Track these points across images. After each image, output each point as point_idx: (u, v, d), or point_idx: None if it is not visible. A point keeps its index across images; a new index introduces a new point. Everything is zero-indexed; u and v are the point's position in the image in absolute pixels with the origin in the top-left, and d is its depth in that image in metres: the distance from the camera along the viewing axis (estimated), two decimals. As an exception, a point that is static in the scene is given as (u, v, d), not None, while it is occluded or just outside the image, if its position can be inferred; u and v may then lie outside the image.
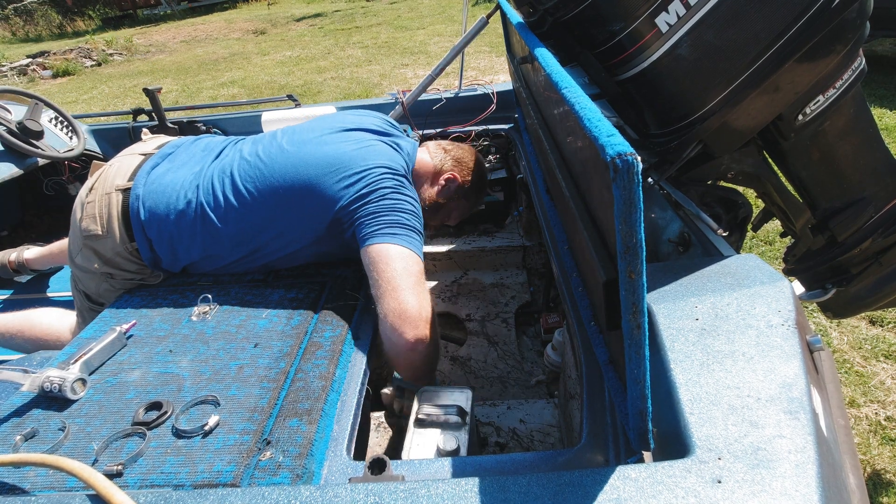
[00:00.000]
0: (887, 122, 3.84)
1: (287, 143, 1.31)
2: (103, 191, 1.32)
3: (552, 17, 1.11)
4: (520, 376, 1.78)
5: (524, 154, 1.80)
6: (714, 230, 1.05)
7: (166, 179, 1.30)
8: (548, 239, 1.30)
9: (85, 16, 16.55)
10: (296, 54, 9.03)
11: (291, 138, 1.34)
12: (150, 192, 1.28)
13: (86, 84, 8.65)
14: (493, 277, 2.28)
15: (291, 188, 1.23)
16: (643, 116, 1.06)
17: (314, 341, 1.07)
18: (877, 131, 1.17)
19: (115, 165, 1.38)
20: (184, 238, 1.26)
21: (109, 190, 1.32)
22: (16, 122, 2.00)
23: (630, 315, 0.51)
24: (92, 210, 1.31)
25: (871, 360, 2.04)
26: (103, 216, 1.30)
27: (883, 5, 3.53)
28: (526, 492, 0.58)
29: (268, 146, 1.32)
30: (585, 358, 0.91)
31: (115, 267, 1.31)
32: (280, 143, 1.32)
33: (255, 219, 1.24)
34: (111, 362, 1.06)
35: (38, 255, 2.12)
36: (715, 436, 0.58)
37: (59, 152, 2.09)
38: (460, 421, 0.97)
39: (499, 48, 7.31)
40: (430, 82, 2.07)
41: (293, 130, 1.39)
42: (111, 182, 1.33)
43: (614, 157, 0.45)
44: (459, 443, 0.91)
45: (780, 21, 0.86)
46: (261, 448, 0.83)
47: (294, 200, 1.23)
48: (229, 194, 1.25)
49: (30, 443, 0.88)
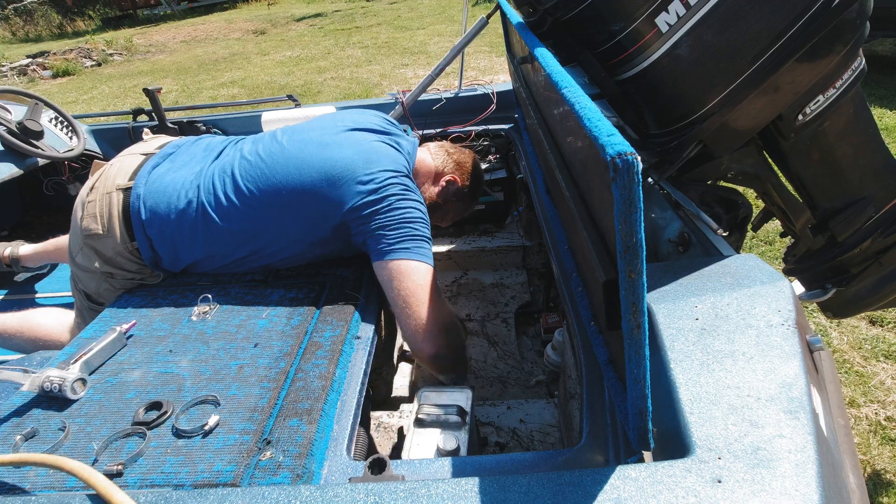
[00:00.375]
0: (887, 122, 3.84)
1: (288, 143, 1.31)
2: (104, 190, 1.32)
3: (552, 17, 1.11)
4: (520, 376, 1.78)
5: (524, 154, 1.80)
6: (714, 230, 1.05)
7: (167, 179, 1.30)
8: (548, 239, 1.31)
9: (85, 16, 16.56)
10: (296, 54, 9.03)
11: (292, 137, 1.33)
12: (151, 191, 1.28)
13: (86, 84, 8.66)
14: (493, 277, 2.28)
15: (294, 191, 1.23)
16: (643, 116, 1.06)
17: (314, 341, 1.07)
18: (877, 131, 1.17)
19: (116, 165, 1.38)
20: (185, 237, 1.26)
21: (110, 189, 1.32)
22: (16, 122, 2.00)
23: (630, 315, 0.51)
24: (93, 209, 1.31)
25: (870, 360, 2.04)
26: (104, 215, 1.30)
27: (883, 5, 3.54)
28: (526, 492, 0.58)
29: (268, 145, 1.32)
30: (585, 358, 0.91)
31: (116, 266, 1.31)
32: (281, 143, 1.32)
33: (256, 217, 1.24)
34: (111, 362, 1.06)
35: (32, 251, 2.10)
36: (715, 435, 0.59)
37: (58, 152, 2.09)
38: (460, 421, 0.97)
39: (499, 48, 7.31)
40: (430, 82, 2.07)
41: (293, 130, 1.39)
42: (112, 181, 1.33)
43: (614, 157, 0.45)
44: (459, 442, 0.91)
45: (780, 21, 0.86)
46: (261, 448, 0.83)
47: (296, 203, 1.23)
48: (230, 193, 1.25)
49: (30, 442, 0.88)
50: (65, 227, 1.47)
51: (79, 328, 1.49)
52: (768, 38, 0.87)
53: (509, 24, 1.52)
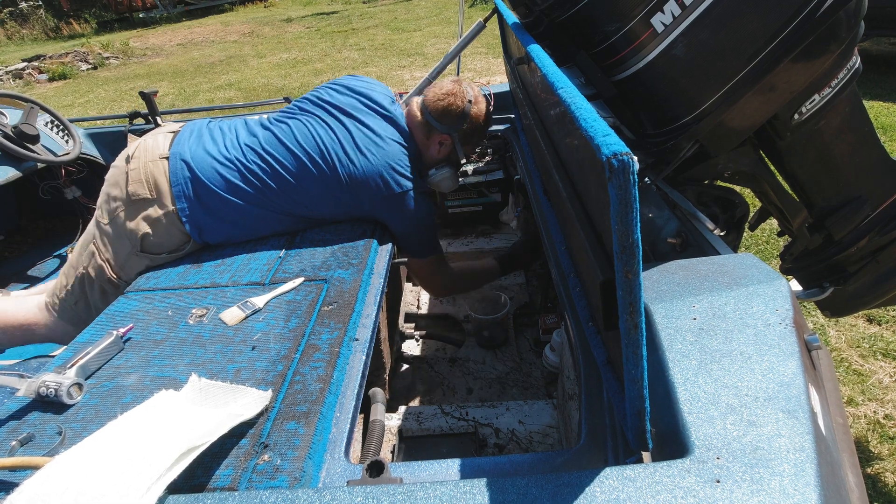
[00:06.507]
0: (883, 121, 3.86)
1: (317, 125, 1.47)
2: (146, 158, 1.43)
3: (548, 18, 1.11)
4: (518, 377, 1.78)
5: (521, 155, 1.80)
6: (711, 229, 1.05)
7: (203, 147, 1.44)
8: (545, 239, 1.31)
9: (81, 19, 16.52)
10: (292, 56, 9.03)
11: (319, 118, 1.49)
12: (193, 156, 1.41)
13: (82, 87, 8.64)
14: (491, 278, 2.28)
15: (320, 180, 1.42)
16: (639, 116, 1.06)
17: (312, 343, 1.06)
18: (872, 130, 1.17)
19: (150, 139, 1.49)
20: (227, 200, 1.40)
21: (153, 158, 1.42)
22: (11, 126, 1.99)
23: (627, 315, 0.51)
24: (137, 176, 1.41)
25: (869, 359, 2.05)
26: (150, 181, 1.40)
27: (878, 4, 3.56)
28: (524, 493, 0.58)
29: (295, 123, 1.48)
30: (584, 358, 0.90)
31: (156, 231, 1.40)
32: (310, 121, 1.48)
33: (287, 182, 1.41)
34: (108, 366, 1.06)
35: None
36: (713, 435, 0.58)
37: (55, 156, 2.08)
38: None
39: (495, 49, 7.33)
40: (428, 85, 2.07)
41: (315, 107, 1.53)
42: (153, 151, 1.44)
43: (610, 157, 0.45)
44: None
45: (775, 21, 0.86)
46: (258, 451, 0.83)
47: (322, 185, 1.42)
48: (269, 158, 1.41)
49: (26, 448, 0.88)
50: (61, 231, 1.47)
51: (63, 307, 1.50)
52: (764, 38, 0.87)
53: (506, 26, 1.53)
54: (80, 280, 1.47)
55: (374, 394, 1.23)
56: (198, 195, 1.40)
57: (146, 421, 0.81)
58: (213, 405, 0.88)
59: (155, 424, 0.80)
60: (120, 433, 0.77)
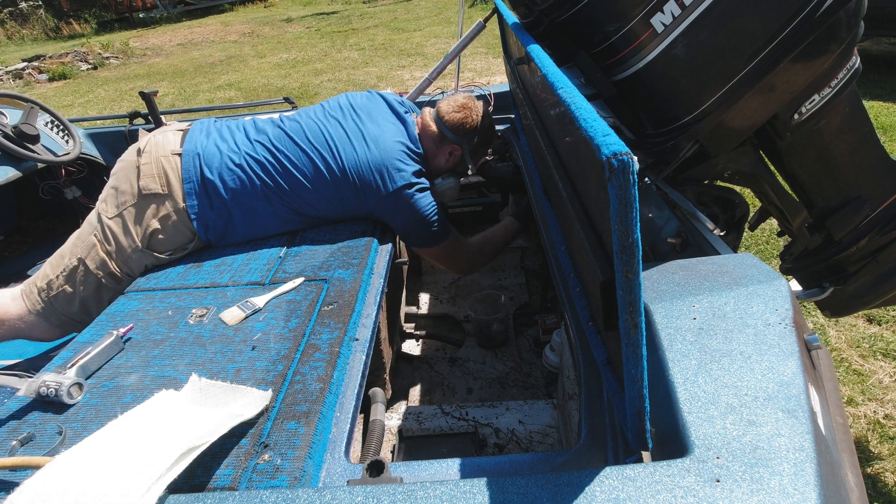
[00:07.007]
0: (883, 122, 3.85)
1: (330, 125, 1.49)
2: (158, 154, 1.43)
3: (548, 18, 1.11)
4: (518, 377, 1.78)
5: (521, 155, 1.80)
6: (711, 229, 1.05)
7: (214, 145, 1.46)
8: (545, 239, 1.31)
9: (81, 19, 16.51)
10: (292, 57, 9.03)
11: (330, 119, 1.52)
12: (205, 154, 1.43)
13: (82, 87, 8.64)
14: (491, 279, 2.28)
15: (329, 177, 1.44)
16: (639, 116, 1.06)
17: (312, 343, 1.06)
18: (872, 130, 1.17)
19: (160, 136, 1.50)
20: (232, 196, 1.41)
21: (165, 153, 1.43)
22: (11, 126, 1.99)
23: (627, 315, 0.51)
24: (149, 171, 1.41)
25: (869, 359, 2.05)
26: (162, 176, 1.41)
27: (878, 4, 3.56)
28: (524, 493, 0.58)
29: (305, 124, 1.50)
30: (583, 358, 0.91)
31: (164, 225, 1.40)
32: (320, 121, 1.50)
33: (297, 176, 1.43)
34: (108, 366, 1.06)
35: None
36: (713, 435, 0.58)
37: (55, 156, 2.08)
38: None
39: (495, 49, 7.32)
40: (428, 85, 2.07)
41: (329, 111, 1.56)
42: (164, 147, 1.45)
43: (610, 157, 0.45)
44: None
45: (775, 21, 0.86)
46: (258, 451, 0.83)
47: (332, 185, 1.44)
48: (279, 155, 1.43)
49: (27, 447, 0.88)
50: (61, 231, 1.46)
51: (42, 298, 1.45)
52: (763, 38, 0.87)
53: (506, 26, 1.53)
54: (72, 271, 1.43)
55: (374, 394, 1.23)
56: (207, 193, 1.41)
57: (146, 421, 0.81)
58: (214, 405, 0.88)
59: (155, 424, 0.80)
60: (120, 433, 0.77)
